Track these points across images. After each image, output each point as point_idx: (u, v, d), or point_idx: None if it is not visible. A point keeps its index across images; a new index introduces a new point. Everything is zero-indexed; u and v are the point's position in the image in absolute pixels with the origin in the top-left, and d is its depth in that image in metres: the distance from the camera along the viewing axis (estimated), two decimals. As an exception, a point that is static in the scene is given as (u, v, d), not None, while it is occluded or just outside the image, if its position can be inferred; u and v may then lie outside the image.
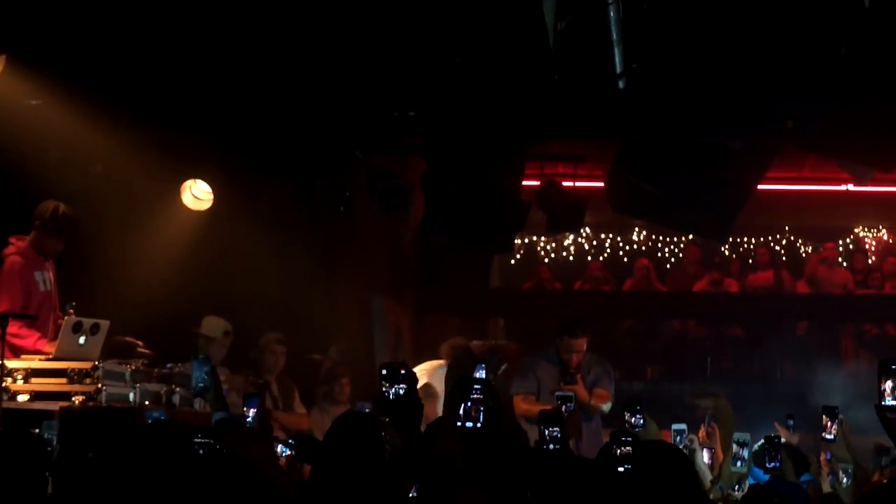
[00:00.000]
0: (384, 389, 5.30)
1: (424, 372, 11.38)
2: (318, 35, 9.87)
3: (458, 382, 5.16)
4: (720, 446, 9.58)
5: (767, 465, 8.05)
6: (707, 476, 8.90)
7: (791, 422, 10.40)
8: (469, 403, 5.08)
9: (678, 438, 8.96)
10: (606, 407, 11.16)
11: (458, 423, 5.04)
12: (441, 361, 11.62)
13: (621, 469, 5.75)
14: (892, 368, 4.47)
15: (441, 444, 5.06)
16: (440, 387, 10.80)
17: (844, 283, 18.66)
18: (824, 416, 8.47)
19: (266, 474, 3.83)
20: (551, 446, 6.34)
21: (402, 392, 5.25)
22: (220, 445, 3.79)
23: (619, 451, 5.86)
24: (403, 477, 5.11)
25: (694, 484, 6.23)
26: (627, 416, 8.23)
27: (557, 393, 8.81)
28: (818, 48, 9.68)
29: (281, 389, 11.62)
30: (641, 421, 8.16)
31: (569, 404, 8.44)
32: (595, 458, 6.08)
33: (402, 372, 5.30)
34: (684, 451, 7.53)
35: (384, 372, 5.32)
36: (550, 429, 6.42)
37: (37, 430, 7.71)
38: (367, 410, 9.12)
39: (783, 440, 8.70)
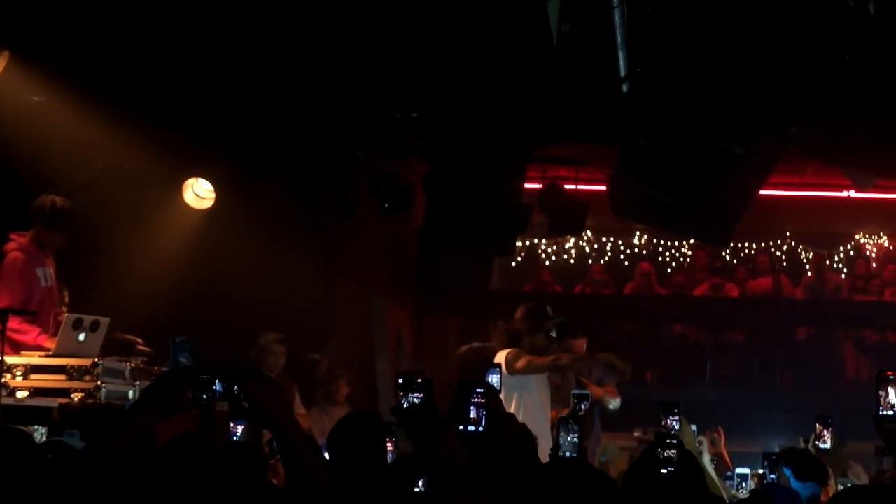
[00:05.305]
0: (399, 398, 5.24)
1: None
2: (320, 36, 9.87)
3: (460, 386, 5.11)
4: (725, 452, 9.56)
5: (765, 481, 8.05)
6: (716, 483, 8.86)
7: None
8: (471, 407, 5.03)
9: None
10: (614, 404, 11.10)
11: (461, 427, 4.99)
12: None
13: (664, 472, 5.68)
14: (889, 378, 4.42)
15: (445, 448, 5.02)
16: None
17: (836, 288, 18.61)
18: (818, 425, 8.43)
19: (281, 427, 3.76)
20: (568, 454, 6.27)
21: (416, 401, 5.19)
22: (239, 389, 3.72)
23: (663, 453, 5.78)
24: (405, 480, 5.08)
25: (702, 486, 6.23)
26: (664, 418, 8.16)
27: (574, 391, 8.73)
28: (822, 54, 9.69)
29: (281, 390, 11.60)
30: (677, 424, 8.10)
31: (584, 403, 8.38)
32: (638, 460, 6.00)
33: (419, 381, 5.23)
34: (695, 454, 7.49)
35: (400, 381, 5.21)
36: (570, 435, 6.34)
37: (36, 428, 7.66)
38: None
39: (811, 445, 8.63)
